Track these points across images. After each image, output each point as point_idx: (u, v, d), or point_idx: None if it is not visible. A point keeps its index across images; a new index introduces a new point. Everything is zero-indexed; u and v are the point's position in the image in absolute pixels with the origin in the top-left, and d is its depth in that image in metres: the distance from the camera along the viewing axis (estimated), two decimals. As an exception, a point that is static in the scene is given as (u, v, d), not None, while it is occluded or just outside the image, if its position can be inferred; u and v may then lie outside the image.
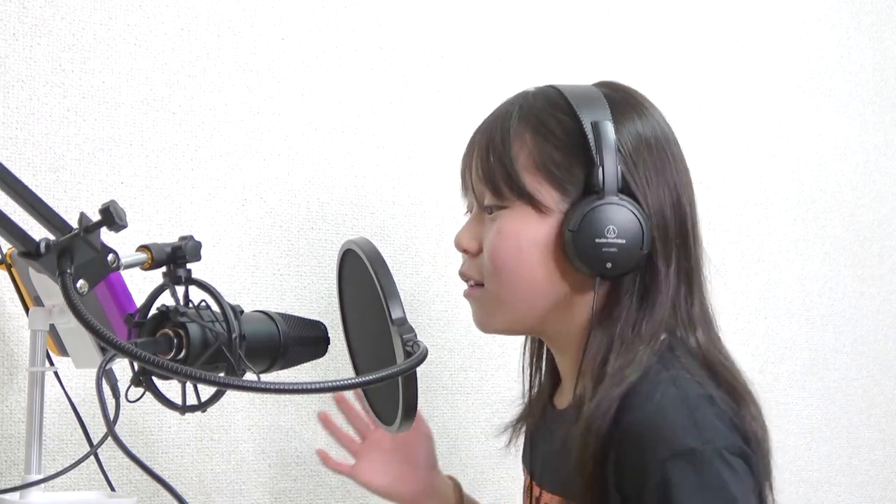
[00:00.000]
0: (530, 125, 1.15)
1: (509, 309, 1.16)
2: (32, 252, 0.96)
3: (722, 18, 1.91)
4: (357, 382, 0.96)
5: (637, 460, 1.02)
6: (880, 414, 2.01)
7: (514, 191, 1.13)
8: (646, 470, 1.00)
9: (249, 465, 1.44)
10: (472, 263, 1.19)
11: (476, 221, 1.19)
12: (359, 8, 1.56)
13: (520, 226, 1.13)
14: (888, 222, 2.06)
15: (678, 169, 1.16)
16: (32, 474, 1.05)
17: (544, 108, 1.15)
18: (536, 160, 1.13)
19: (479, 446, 1.61)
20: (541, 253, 1.12)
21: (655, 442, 1.01)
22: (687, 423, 1.02)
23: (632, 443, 1.03)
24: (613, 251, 1.09)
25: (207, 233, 1.42)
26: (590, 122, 1.11)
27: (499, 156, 1.14)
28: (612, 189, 1.09)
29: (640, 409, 1.04)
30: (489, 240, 1.15)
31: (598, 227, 1.08)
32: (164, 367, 0.89)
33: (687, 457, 0.99)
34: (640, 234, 1.09)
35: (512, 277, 1.14)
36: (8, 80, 1.32)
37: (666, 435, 1.01)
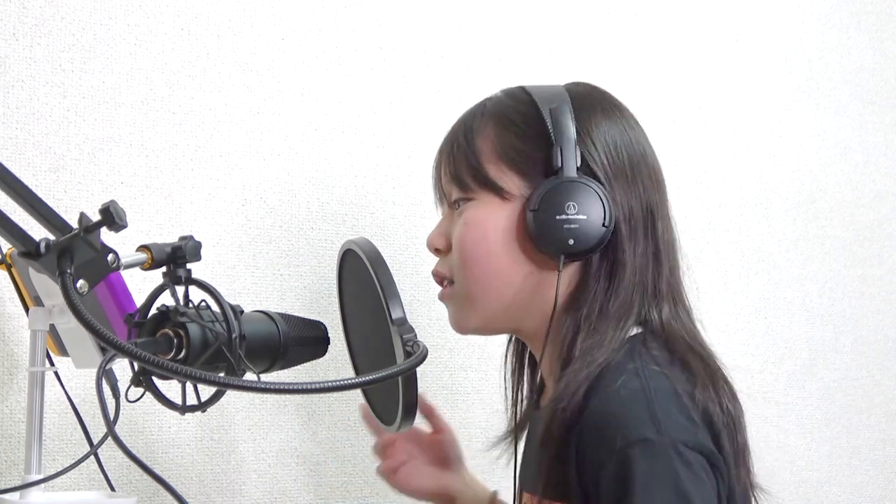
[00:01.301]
0: (493, 119, 1.16)
1: (481, 303, 1.15)
2: (32, 252, 0.96)
3: (722, 18, 1.91)
4: (357, 382, 0.96)
5: (595, 449, 1.01)
6: (880, 414, 2.01)
7: (477, 181, 1.14)
8: (603, 459, 0.99)
9: (249, 465, 1.44)
10: (443, 262, 1.19)
11: (446, 220, 1.20)
12: (359, 8, 1.56)
13: (484, 214, 1.13)
14: (888, 222, 2.06)
15: (642, 149, 1.16)
16: (32, 474, 1.05)
17: (507, 103, 1.17)
18: (498, 150, 1.14)
19: (479, 446, 1.61)
20: (504, 238, 1.12)
21: (613, 431, 1.00)
22: (644, 414, 1.00)
23: (590, 431, 1.02)
24: (575, 227, 1.08)
25: (207, 233, 1.42)
26: (548, 108, 1.13)
27: (463, 151, 1.16)
28: (571, 168, 1.10)
29: (601, 399, 1.03)
30: (456, 232, 1.16)
31: (558, 204, 1.09)
32: (164, 367, 0.89)
33: (642, 446, 0.98)
34: (602, 210, 1.09)
35: (478, 267, 1.14)
36: (8, 80, 1.32)
37: (623, 424, 1.00)
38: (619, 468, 0.98)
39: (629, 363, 1.06)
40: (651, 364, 1.06)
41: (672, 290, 1.14)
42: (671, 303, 1.14)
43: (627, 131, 1.16)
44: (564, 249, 1.09)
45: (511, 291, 1.14)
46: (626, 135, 1.15)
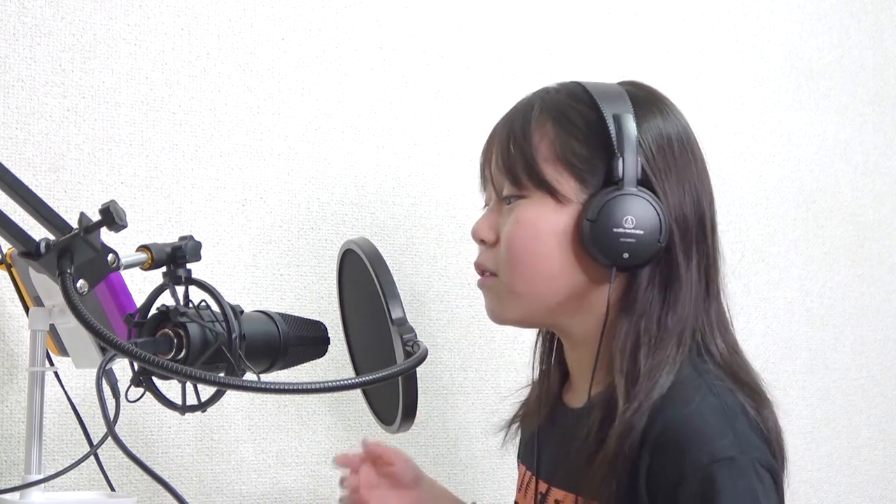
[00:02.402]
0: (552, 117, 1.14)
1: (524, 300, 1.15)
2: (32, 252, 0.96)
3: (722, 18, 1.91)
4: (357, 382, 0.96)
5: (675, 464, 1.02)
6: (880, 414, 2.01)
7: (533, 180, 1.13)
8: (684, 474, 1.01)
9: (249, 465, 1.44)
10: (488, 254, 1.18)
11: (494, 212, 1.18)
12: (359, 8, 1.56)
13: (538, 215, 1.12)
14: (888, 222, 2.06)
15: (699, 168, 1.17)
16: (32, 474, 1.05)
17: (566, 101, 1.15)
18: (557, 151, 1.13)
19: (479, 446, 1.61)
20: (558, 242, 1.12)
21: (696, 447, 1.02)
22: (727, 432, 1.03)
23: (670, 446, 1.03)
24: (631, 241, 1.09)
25: (207, 233, 1.42)
26: (611, 114, 1.12)
27: (519, 146, 1.14)
28: (632, 181, 1.09)
29: (680, 414, 1.04)
30: (507, 229, 1.14)
31: (616, 216, 1.08)
32: (164, 367, 0.89)
33: (727, 464, 1.01)
34: (658, 226, 1.09)
35: (527, 267, 1.13)
36: (8, 80, 1.32)
37: (707, 441, 1.02)
38: (703, 485, 1.00)
39: (697, 378, 1.08)
40: (716, 380, 1.08)
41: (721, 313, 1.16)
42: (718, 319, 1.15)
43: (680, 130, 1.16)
44: (618, 262, 1.09)
45: (556, 294, 1.14)
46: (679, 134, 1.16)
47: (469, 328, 1.62)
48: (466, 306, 1.62)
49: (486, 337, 1.63)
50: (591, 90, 1.14)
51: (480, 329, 1.63)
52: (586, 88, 1.15)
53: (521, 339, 1.65)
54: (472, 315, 1.62)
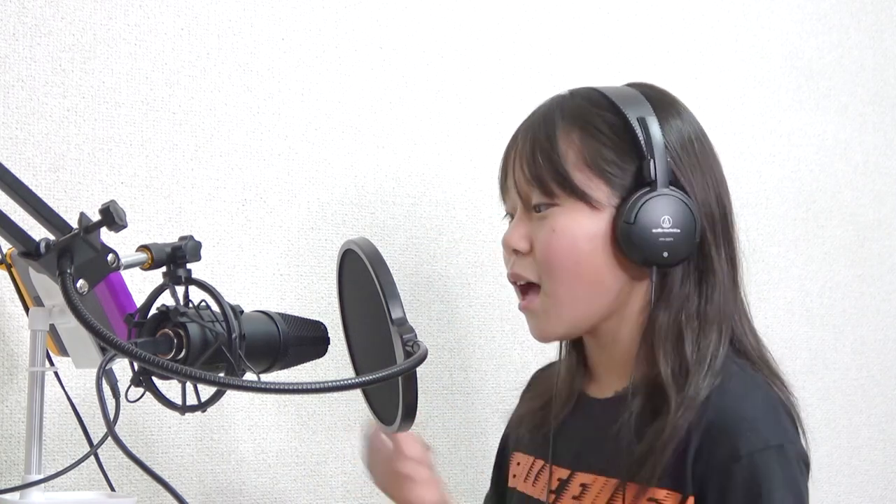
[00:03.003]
0: (576, 124, 1.17)
1: (570, 309, 1.17)
2: (32, 252, 0.96)
3: (722, 18, 1.91)
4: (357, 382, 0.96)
5: (727, 448, 1.07)
6: (880, 414, 2.01)
7: (564, 189, 1.15)
8: (737, 457, 1.06)
9: (249, 465, 1.44)
10: (524, 263, 1.19)
11: (523, 221, 1.20)
12: (359, 8, 1.56)
13: (574, 222, 1.15)
14: (888, 222, 2.06)
15: (716, 162, 1.20)
16: (32, 474, 1.05)
17: (588, 107, 1.18)
18: (586, 157, 1.15)
19: (479, 446, 1.61)
20: (597, 247, 1.15)
21: (749, 432, 1.07)
22: (775, 422, 1.10)
23: (723, 432, 1.08)
24: (669, 241, 1.12)
25: (207, 233, 1.42)
26: (636, 118, 1.15)
27: (546, 154, 1.16)
28: (664, 181, 1.13)
29: (732, 403, 1.10)
30: (543, 238, 1.16)
31: (654, 217, 1.12)
32: (164, 367, 0.89)
33: (777, 451, 1.07)
34: (693, 224, 1.14)
35: (570, 274, 1.15)
36: (8, 80, 1.32)
37: (760, 428, 1.08)
38: (754, 469, 1.06)
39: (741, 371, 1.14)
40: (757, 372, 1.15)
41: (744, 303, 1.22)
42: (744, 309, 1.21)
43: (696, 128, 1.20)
44: (658, 261, 1.13)
45: (598, 298, 1.17)
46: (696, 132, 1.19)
47: (469, 328, 1.62)
48: (466, 306, 1.62)
49: (486, 337, 1.63)
50: (610, 95, 1.17)
51: (480, 329, 1.63)
52: (605, 94, 1.18)
53: (521, 339, 1.65)
54: (472, 315, 1.62)
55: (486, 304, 1.64)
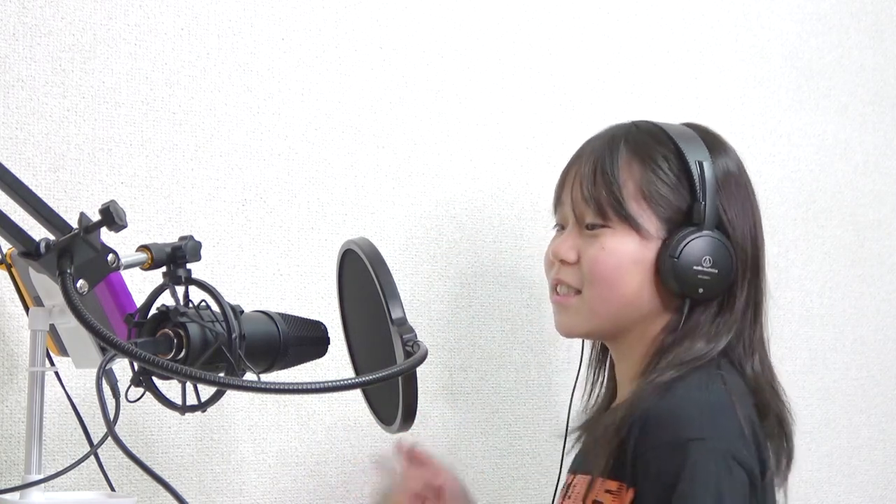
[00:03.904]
0: (638, 157, 1.27)
1: (600, 317, 1.28)
2: (32, 252, 0.96)
3: (722, 18, 1.91)
4: (357, 382, 0.96)
5: (656, 437, 1.16)
6: (880, 414, 2.01)
7: (618, 215, 1.26)
8: (660, 446, 1.15)
9: (249, 465, 1.44)
10: (570, 271, 1.30)
11: (573, 235, 1.30)
12: (359, 8, 1.56)
13: (623, 245, 1.26)
14: (888, 222, 2.06)
15: (754, 203, 1.31)
16: (32, 474, 1.05)
17: (651, 143, 1.29)
18: (643, 189, 1.26)
19: (479, 446, 1.61)
20: (639, 272, 1.26)
21: (675, 423, 1.16)
22: (705, 419, 1.17)
23: (656, 421, 1.16)
24: (706, 279, 1.24)
25: (207, 233, 1.42)
26: (695, 160, 1.26)
27: (606, 181, 1.27)
28: (711, 224, 1.24)
29: (668, 399, 1.18)
30: (592, 253, 1.27)
31: (697, 255, 1.23)
32: (164, 367, 0.89)
33: (699, 444, 1.13)
34: (731, 266, 1.25)
35: (610, 290, 1.26)
36: (8, 80, 1.32)
37: (686, 419, 1.16)
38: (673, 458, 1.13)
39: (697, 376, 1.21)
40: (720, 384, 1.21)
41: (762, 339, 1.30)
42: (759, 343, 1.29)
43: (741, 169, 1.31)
44: (693, 295, 1.24)
45: (627, 316, 1.27)
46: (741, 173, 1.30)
47: (469, 328, 1.62)
48: (466, 306, 1.62)
49: (486, 337, 1.63)
50: (672, 135, 1.28)
51: (480, 329, 1.63)
52: (668, 132, 1.29)
53: (522, 340, 1.65)
54: (472, 315, 1.62)
55: (486, 304, 1.64)
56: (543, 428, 1.65)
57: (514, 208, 1.67)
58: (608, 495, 1.19)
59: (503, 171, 1.66)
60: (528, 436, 1.64)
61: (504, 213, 1.66)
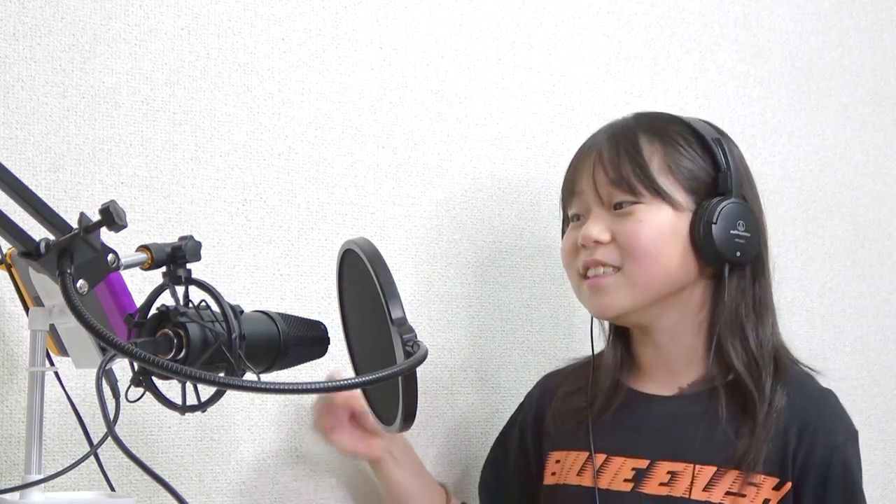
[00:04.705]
0: (657, 135, 1.33)
1: (642, 292, 1.31)
2: (32, 252, 0.96)
3: (722, 18, 1.91)
4: (357, 382, 0.96)
5: (824, 441, 1.27)
6: (880, 414, 2.01)
7: (649, 189, 1.30)
8: (833, 449, 1.27)
9: (249, 465, 1.44)
10: (606, 251, 1.32)
11: (601, 217, 1.33)
12: (359, 8, 1.56)
13: (658, 217, 1.30)
14: (888, 222, 2.06)
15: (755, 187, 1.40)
16: (32, 474, 1.05)
17: (665, 125, 1.36)
18: (670, 165, 1.31)
19: (479, 446, 1.61)
20: (677, 242, 1.30)
21: (838, 426, 1.30)
22: (845, 414, 1.33)
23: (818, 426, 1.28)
24: (743, 242, 1.30)
25: (207, 233, 1.42)
26: (710, 137, 1.33)
27: (632, 159, 1.31)
28: (738, 192, 1.31)
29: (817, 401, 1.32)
30: (629, 227, 1.30)
31: (732, 220, 1.29)
32: (164, 367, 0.89)
33: (855, 438, 1.31)
34: (759, 230, 1.33)
35: (653, 262, 1.30)
36: (8, 80, 1.32)
37: (843, 420, 1.32)
38: (846, 458, 1.28)
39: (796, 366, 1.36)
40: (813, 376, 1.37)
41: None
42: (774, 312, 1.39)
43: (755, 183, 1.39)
44: (732, 259, 1.30)
45: (667, 287, 1.31)
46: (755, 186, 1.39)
47: (469, 328, 1.62)
48: (466, 306, 1.62)
49: (486, 337, 1.63)
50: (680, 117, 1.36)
51: (480, 329, 1.63)
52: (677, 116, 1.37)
53: (522, 340, 1.65)
54: (472, 315, 1.62)
55: (486, 304, 1.64)
56: (543, 428, 1.65)
57: (514, 208, 1.67)
58: (752, 487, 1.26)
59: (503, 171, 1.66)
60: (528, 436, 1.64)
61: (504, 213, 1.66)
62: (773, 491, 1.26)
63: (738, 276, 1.32)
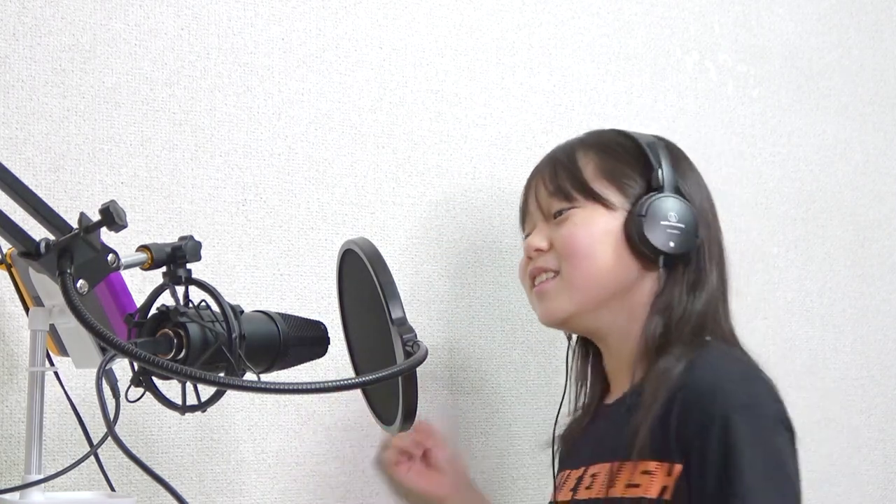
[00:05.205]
0: (593, 146, 1.37)
1: (581, 293, 1.32)
2: (32, 252, 0.96)
3: (722, 18, 1.91)
4: (357, 382, 0.96)
5: (702, 411, 1.19)
6: (880, 414, 2.01)
7: (583, 193, 1.33)
8: (711, 419, 1.17)
9: (249, 465, 1.44)
10: (545, 257, 1.36)
11: (542, 228, 1.37)
12: (359, 8, 1.56)
13: (591, 217, 1.33)
14: (888, 222, 2.06)
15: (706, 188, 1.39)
16: (32, 474, 1.05)
17: (602, 135, 1.40)
18: (603, 170, 1.34)
19: (479, 446, 1.61)
20: (611, 240, 1.31)
21: (721, 396, 1.19)
22: (746, 386, 1.22)
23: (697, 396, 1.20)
24: (675, 232, 1.30)
25: (207, 233, 1.42)
26: (646, 143, 1.35)
27: (567, 170, 1.36)
28: (670, 187, 1.32)
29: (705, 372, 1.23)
30: (563, 231, 1.33)
31: (663, 212, 1.30)
32: (164, 367, 0.89)
33: (746, 412, 1.18)
34: (695, 223, 1.32)
35: (586, 261, 1.31)
36: (8, 80, 1.32)
37: (729, 391, 1.20)
38: (725, 430, 1.16)
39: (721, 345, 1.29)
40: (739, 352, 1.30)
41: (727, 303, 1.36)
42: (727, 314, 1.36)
43: (703, 183, 1.38)
44: (665, 250, 1.30)
45: (608, 285, 1.32)
46: (703, 185, 1.38)
47: (469, 328, 1.62)
48: (466, 306, 1.62)
49: (486, 337, 1.63)
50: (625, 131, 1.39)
51: (480, 329, 1.63)
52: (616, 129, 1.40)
53: (522, 340, 1.65)
54: (472, 315, 1.62)
55: (486, 304, 1.64)
56: (543, 428, 1.65)
57: (513, 208, 1.66)
58: (646, 476, 1.21)
59: (503, 171, 1.66)
60: (527, 436, 1.64)
61: (504, 213, 1.66)
62: (666, 477, 1.19)
63: (676, 269, 1.31)
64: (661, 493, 1.19)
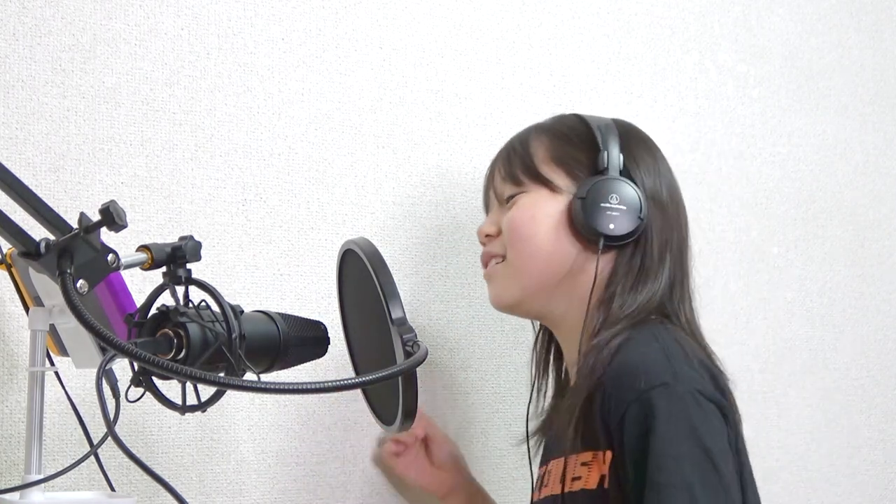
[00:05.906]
0: (545, 131, 1.36)
1: (524, 275, 1.31)
2: (32, 252, 0.96)
3: (722, 18, 1.91)
4: (357, 382, 0.96)
5: (620, 394, 1.15)
6: (880, 414, 2.01)
7: (530, 177, 1.32)
8: (627, 401, 1.14)
9: (249, 465, 1.44)
10: (494, 244, 1.35)
11: (495, 214, 1.37)
12: (359, 8, 1.56)
13: (534, 202, 1.31)
14: (888, 222, 2.06)
15: (666, 165, 1.36)
16: (32, 474, 1.05)
17: (560, 120, 1.38)
18: (552, 154, 1.33)
19: (479, 446, 1.61)
20: (552, 223, 1.29)
21: (636, 377, 1.15)
22: (664, 364, 1.16)
23: (613, 381, 1.16)
24: (615, 214, 1.27)
25: (207, 233, 1.42)
26: (596, 125, 1.33)
27: (519, 155, 1.35)
28: (615, 169, 1.29)
29: (625, 354, 1.19)
30: (508, 216, 1.33)
31: (603, 194, 1.27)
32: (164, 367, 0.89)
33: (662, 389, 1.13)
34: (639, 204, 1.27)
35: (528, 243, 1.30)
36: (8, 80, 1.32)
37: (645, 371, 1.15)
38: (641, 408, 1.13)
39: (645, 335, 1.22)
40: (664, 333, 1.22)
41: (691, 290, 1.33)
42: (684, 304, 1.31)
43: (663, 169, 1.35)
44: (605, 232, 1.26)
45: (552, 269, 1.30)
46: (663, 171, 1.34)
47: (469, 328, 1.62)
48: (466, 306, 1.62)
49: (486, 337, 1.63)
50: (582, 115, 1.36)
51: (480, 329, 1.63)
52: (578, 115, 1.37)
53: (521, 340, 1.65)
54: (472, 315, 1.62)
55: (485, 304, 1.63)
56: (543, 428, 1.65)
57: (514, 208, 1.67)
58: (584, 468, 1.19)
59: (503, 171, 1.66)
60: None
61: (504, 214, 1.65)
62: (602, 465, 1.17)
63: (617, 250, 1.28)
64: (600, 482, 1.16)
